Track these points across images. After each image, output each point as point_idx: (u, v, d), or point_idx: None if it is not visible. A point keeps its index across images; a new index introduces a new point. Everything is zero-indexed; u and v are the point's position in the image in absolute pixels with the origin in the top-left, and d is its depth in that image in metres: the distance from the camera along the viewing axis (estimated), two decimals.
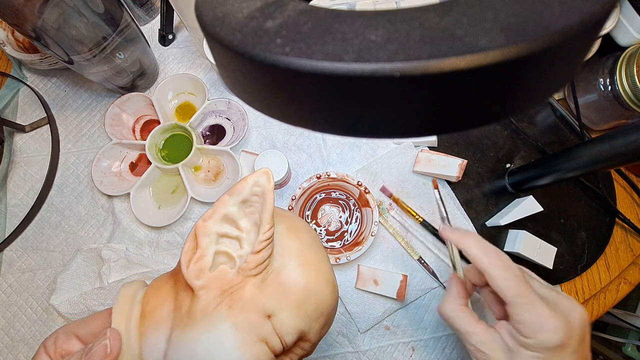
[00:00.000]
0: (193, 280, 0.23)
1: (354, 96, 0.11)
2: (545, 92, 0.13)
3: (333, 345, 0.44)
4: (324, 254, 0.29)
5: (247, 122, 0.49)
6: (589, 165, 0.38)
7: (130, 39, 0.46)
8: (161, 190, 0.49)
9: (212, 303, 0.23)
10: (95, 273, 0.45)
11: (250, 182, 0.24)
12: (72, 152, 0.52)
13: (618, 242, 0.49)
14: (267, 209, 0.24)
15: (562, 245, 0.47)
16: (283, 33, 0.11)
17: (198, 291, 0.23)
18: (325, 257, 0.29)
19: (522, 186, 0.47)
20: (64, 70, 0.55)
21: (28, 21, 0.36)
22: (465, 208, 0.47)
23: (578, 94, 0.49)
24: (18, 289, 0.47)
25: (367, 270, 0.45)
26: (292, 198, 0.44)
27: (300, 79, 0.11)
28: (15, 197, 0.51)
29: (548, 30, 0.10)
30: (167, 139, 0.50)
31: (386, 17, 0.11)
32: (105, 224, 0.49)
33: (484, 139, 0.50)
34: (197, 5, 0.14)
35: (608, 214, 0.49)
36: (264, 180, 0.24)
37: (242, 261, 0.24)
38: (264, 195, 0.24)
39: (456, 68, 0.10)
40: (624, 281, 0.47)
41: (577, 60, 0.12)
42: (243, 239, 0.25)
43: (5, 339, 0.46)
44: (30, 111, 0.54)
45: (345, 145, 0.50)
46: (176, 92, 0.52)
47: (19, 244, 0.49)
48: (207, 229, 0.24)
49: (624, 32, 0.47)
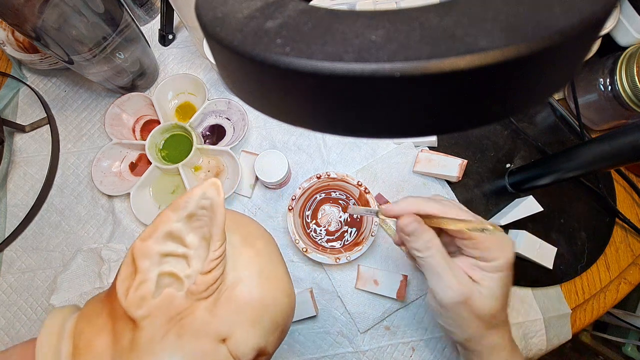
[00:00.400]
0: (134, 310, 0.20)
1: (354, 96, 0.11)
2: (545, 92, 0.13)
3: (333, 345, 0.44)
4: (281, 259, 0.27)
5: (247, 122, 0.49)
6: (589, 165, 0.38)
7: (130, 39, 0.46)
8: (161, 190, 0.49)
9: (159, 333, 0.20)
10: (95, 273, 0.45)
11: (197, 194, 0.21)
12: (72, 152, 0.52)
13: (618, 242, 0.49)
14: (217, 224, 0.21)
15: (562, 245, 0.47)
16: (283, 33, 0.11)
17: (141, 322, 0.20)
18: (282, 263, 0.27)
19: (522, 186, 0.47)
20: (64, 70, 0.55)
21: (28, 21, 0.36)
22: None
23: (578, 94, 0.49)
24: (18, 289, 0.47)
25: (367, 270, 0.45)
26: (292, 198, 0.44)
27: (300, 79, 0.11)
28: (15, 197, 0.51)
29: (548, 30, 0.10)
30: (167, 139, 0.50)
31: (386, 17, 0.11)
32: (105, 224, 0.49)
33: (484, 139, 0.50)
34: (197, 5, 0.14)
35: (608, 214, 0.49)
36: (213, 192, 0.21)
37: (191, 281, 0.21)
38: (212, 209, 0.21)
39: (456, 68, 0.10)
40: (624, 281, 0.47)
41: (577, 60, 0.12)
42: (191, 256, 0.22)
43: (5, 339, 0.46)
44: (30, 111, 0.54)
45: (345, 145, 0.50)
46: (176, 92, 0.52)
47: (19, 244, 0.49)
48: (148, 249, 0.21)
49: (624, 32, 0.47)
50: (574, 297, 0.46)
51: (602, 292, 0.47)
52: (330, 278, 0.45)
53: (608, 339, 0.89)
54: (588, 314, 0.46)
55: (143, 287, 0.21)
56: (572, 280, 0.47)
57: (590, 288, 0.47)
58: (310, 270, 0.46)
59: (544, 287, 0.46)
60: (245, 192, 0.48)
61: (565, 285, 0.47)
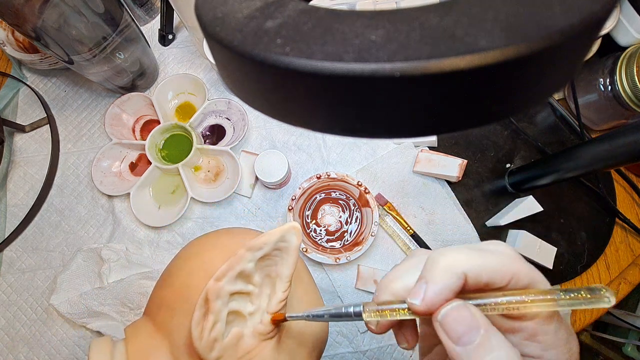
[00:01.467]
0: (208, 353, 0.20)
1: (354, 96, 0.11)
2: (545, 92, 0.13)
3: (333, 345, 0.44)
4: (317, 288, 0.29)
5: (247, 122, 0.49)
6: (589, 165, 0.38)
7: (130, 39, 0.46)
8: (161, 190, 0.49)
9: None
10: (95, 273, 0.45)
11: (276, 237, 0.21)
12: (72, 152, 0.52)
13: (618, 242, 0.49)
14: (289, 267, 0.22)
15: (562, 245, 0.46)
16: (283, 33, 0.11)
17: None
18: (318, 291, 0.28)
19: (522, 186, 0.47)
20: (64, 70, 0.55)
21: (28, 21, 0.36)
22: (465, 208, 0.47)
23: (578, 94, 0.49)
24: (18, 289, 0.47)
25: (367, 270, 0.45)
26: (292, 198, 0.44)
27: (300, 79, 0.11)
28: (15, 197, 0.51)
29: (548, 30, 0.10)
30: (167, 139, 0.50)
31: (386, 17, 0.11)
32: (105, 224, 0.49)
33: (484, 139, 0.50)
34: (197, 5, 0.14)
35: (608, 214, 0.49)
36: (293, 237, 0.22)
37: (254, 320, 0.22)
38: (288, 252, 0.22)
39: (456, 68, 0.10)
40: (624, 281, 0.47)
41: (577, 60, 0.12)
42: (255, 295, 0.22)
43: (5, 339, 0.46)
44: (30, 111, 0.54)
45: (345, 145, 0.50)
46: (176, 92, 0.52)
47: (19, 244, 0.49)
48: (221, 290, 0.21)
49: (624, 32, 0.47)
50: None
51: None
52: (330, 278, 0.45)
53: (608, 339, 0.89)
54: (588, 314, 0.46)
55: (216, 328, 0.21)
56: (572, 280, 0.47)
57: None
58: (310, 270, 0.46)
59: None
60: (245, 192, 0.48)
61: (565, 285, 0.47)
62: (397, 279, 0.19)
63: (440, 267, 0.16)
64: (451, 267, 0.16)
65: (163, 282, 0.27)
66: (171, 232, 0.47)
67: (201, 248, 0.27)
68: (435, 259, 0.17)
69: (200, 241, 0.29)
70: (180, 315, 0.23)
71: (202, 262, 0.25)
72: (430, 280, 0.16)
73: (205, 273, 0.23)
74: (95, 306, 0.43)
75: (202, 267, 0.25)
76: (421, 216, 0.47)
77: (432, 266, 0.17)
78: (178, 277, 0.25)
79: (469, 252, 0.17)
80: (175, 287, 0.25)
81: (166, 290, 0.25)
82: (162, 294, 0.26)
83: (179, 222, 0.47)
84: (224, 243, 0.28)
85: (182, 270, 0.25)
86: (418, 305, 0.16)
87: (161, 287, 0.27)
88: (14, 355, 0.45)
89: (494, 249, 0.17)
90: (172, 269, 0.27)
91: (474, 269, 0.16)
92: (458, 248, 0.18)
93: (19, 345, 0.46)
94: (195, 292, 0.22)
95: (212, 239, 0.29)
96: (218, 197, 0.46)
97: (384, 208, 0.47)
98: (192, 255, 0.27)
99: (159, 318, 0.24)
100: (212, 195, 0.47)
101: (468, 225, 0.47)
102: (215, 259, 0.25)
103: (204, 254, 0.26)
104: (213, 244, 0.28)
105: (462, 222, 0.47)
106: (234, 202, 0.49)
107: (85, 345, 0.45)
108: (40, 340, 0.45)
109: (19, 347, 0.45)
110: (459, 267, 0.16)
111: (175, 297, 0.24)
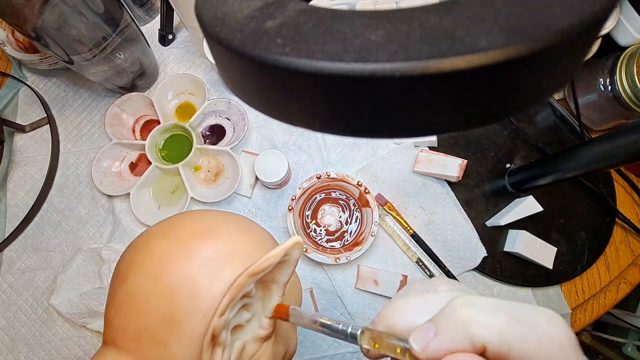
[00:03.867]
0: None
1: (354, 96, 0.11)
2: (545, 92, 0.13)
3: (333, 345, 0.44)
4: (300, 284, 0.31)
5: (247, 122, 0.49)
6: (589, 165, 0.38)
7: (130, 39, 0.46)
8: (161, 190, 0.49)
9: None
10: (95, 273, 0.45)
11: (280, 257, 0.21)
12: (72, 152, 0.52)
13: (618, 242, 0.49)
14: (288, 274, 0.22)
15: (562, 245, 0.46)
16: (283, 33, 0.11)
17: None
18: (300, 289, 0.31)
19: (522, 186, 0.47)
20: (64, 70, 0.55)
21: (28, 21, 0.36)
22: (465, 208, 0.47)
23: (578, 94, 0.49)
24: (18, 289, 0.47)
25: (367, 271, 0.45)
26: (292, 198, 0.44)
27: (300, 79, 0.11)
28: (15, 197, 0.51)
29: (548, 30, 0.10)
30: (167, 139, 0.50)
31: (386, 17, 0.11)
32: (105, 224, 0.49)
33: (484, 139, 0.50)
34: (197, 5, 0.14)
35: (608, 214, 0.49)
36: (296, 251, 0.22)
37: (252, 325, 0.22)
38: (288, 264, 0.22)
39: (456, 68, 0.10)
40: (624, 281, 0.47)
41: (577, 60, 0.12)
42: (250, 303, 0.22)
43: (5, 339, 0.46)
44: (30, 111, 0.54)
45: (345, 145, 0.50)
46: (176, 92, 0.52)
47: (19, 244, 0.49)
48: (225, 321, 0.20)
49: (624, 32, 0.47)
50: (574, 297, 0.46)
51: (602, 292, 0.47)
52: (330, 278, 0.45)
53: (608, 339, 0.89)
54: (588, 314, 0.46)
55: (224, 355, 0.21)
56: (572, 280, 0.47)
57: (590, 288, 0.47)
58: (310, 270, 0.46)
59: (544, 287, 0.46)
60: (245, 192, 0.48)
61: (565, 285, 0.47)
62: (400, 312, 0.16)
63: (457, 323, 0.13)
64: (471, 331, 0.13)
65: (130, 306, 0.22)
66: None
67: (167, 259, 0.22)
68: (455, 307, 0.14)
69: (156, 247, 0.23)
70: (171, 347, 0.21)
71: (184, 278, 0.22)
72: (440, 331, 0.13)
73: (191, 292, 0.21)
74: (95, 306, 0.43)
75: (185, 284, 0.21)
76: (421, 216, 0.47)
77: (449, 316, 0.14)
78: (153, 302, 0.21)
79: (502, 317, 0.13)
80: (154, 315, 0.21)
81: (142, 319, 0.21)
82: (137, 324, 0.21)
83: None
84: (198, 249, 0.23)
85: (158, 294, 0.21)
86: (418, 352, 0.14)
87: (131, 313, 0.22)
88: (14, 355, 0.45)
89: (542, 326, 0.12)
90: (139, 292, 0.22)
91: (497, 343, 0.12)
92: (491, 303, 0.13)
93: (19, 345, 0.46)
94: (187, 316, 0.21)
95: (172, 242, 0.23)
96: (218, 197, 0.46)
97: (384, 208, 0.47)
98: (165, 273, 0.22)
99: (141, 352, 0.21)
100: (212, 195, 0.47)
101: (468, 225, 0.47)
102: (197, 273, 0.22)
103: (182, 267, 0.22)
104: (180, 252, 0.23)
105: (462, 222, 0.47)
106: (234, 202, 0.49)
107: (86, 345, 0.45)
108: (40, 340, 0.45)
109: (19, 347, 0.45)
110: (480, 336, 0.13)
111: (159, 326, 0.21)
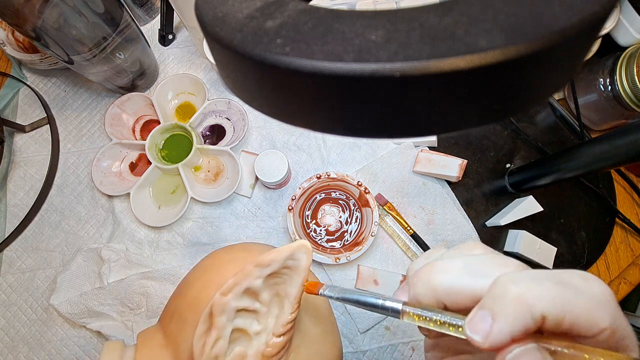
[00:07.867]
0: None
1: (354, 96, 0.11)
2: (545, 92, 0.13)
3: None
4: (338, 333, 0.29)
5: (247, 122, 0.49)
6: (589, 165, 0.38)
7: (130, 39, 0.46)
8: (161, 190, 0.49)
9: None
10: (95, 273, 0.45)
11: (285, 254, 0.21)
12: (72, 152, 0.52)
13: (618, 242, 0.49)
14: (298, 286, 0.21)
15: (562, 245, 0.46)
16: (283, 33, 0.11)
17: None
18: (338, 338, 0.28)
19: (522, 186, 0.47)
20: (64, 70, 0.55)
21: (28, 21, 0.36)
22: (465, 208, 0.47)
23: (578, 94, 0.49)
24: (18, 289, 0.47)
25: (367, 270, 0.45)
26: (292, 198, 0.44)
27: (300, 79, 0.11)
28: (15, 197, 0.51)
29: (548, 30, 0.10)
30: (167, 139, 0.50)
31: (386, 17, 0.11)
32: (105, 224, 0.49)
33: (484, 139, 0.50)
34: (197, 5, 0.14)
35: (608, 214, 0.49)
36: (303, 255, 0.21)
37: (259, 340, 0.22)
38: (297, 272, 0.21)
39: (456, 68, 0.10)
40: (624, 281, 0.47)
41: (577, 60, 0.12)
42: (262, 313, 0.22)
43: (5, 339, 0.46)
44: (30, 111, 0.54)
45: (345, 145, 0.50)
46: (176, 92, 0.52)
47: (19, 244, 0.49)
48: (226, 305, 0.20)
49: (624, 32, 0.47)
50: None
51: None
52: (330, 278, 0.45)
53: None
54: None
55: (218, 344, 0.20)
56: None
57: None
58: (310, 270, 0.46)
59: None
60: (245, 192, 0.48)
61: None
62: (442, 273, 0.15)
63: (513, 301, 0.13)
64: (527, 303, 0.13)
65: (179, 291, 0.27)
66: (171, 232, 0.47)
67: (217, 261, 0.27)
68: (504, 286, 0.13)
69: (218, 254, 0.29)
70: (189, 327, 0.22)
71: (216, 275, 0.25)
72: (498, 314, 0.13)
73: (216, 287, 0.23)
74: (95, 306, 0.43)
75: (215, 280, 0.24)
76: (421, 216, 0.47)
77: (501, 296, 0.13)
78: (192, 288, 0.25)
79: (550, 285, 0.13)
80: (187, 298, 0.24)
81: (179, 300, 0.25)
82: (175, 304, 0.25)
83: (179, 222, 0.47)
84: (239, 258, 0.27)
85: (197, 282, 0.25)
86: (481, 343, 0.13)
87: (176, 296, 0.26)
88: (14, 355, 0.45)
89: (582, 286, 0.13)
90: (189, 279, 0.27)
91: (555, 311, 0.12)
92: (534, 275, 0.14)
93: (19, 345, 0.46)
94: (205, 305, 0.22)
95: (229, 252, 0.29)
96: (218, 197, 0.46)
97: (384, 208, 0.47)
98: (208, 267, 0.27)
99: (170, 328, 0.24)
100: (212, 195, 0.47)
101: (468, 225, 0.47)
102: (228, 273, 0.24)
103: (219, 268, 0.26)
104: (229, 258, 0.27)
105: (462, 222, 0.47)
106: (234, 202, 0.49)
107: (86, 345, 0.45)
108: (40, 340, 0.45)
109: (19, 347, 0.45)
110: (537, 306, 0.12)
111: (186, 308, 0.24)
